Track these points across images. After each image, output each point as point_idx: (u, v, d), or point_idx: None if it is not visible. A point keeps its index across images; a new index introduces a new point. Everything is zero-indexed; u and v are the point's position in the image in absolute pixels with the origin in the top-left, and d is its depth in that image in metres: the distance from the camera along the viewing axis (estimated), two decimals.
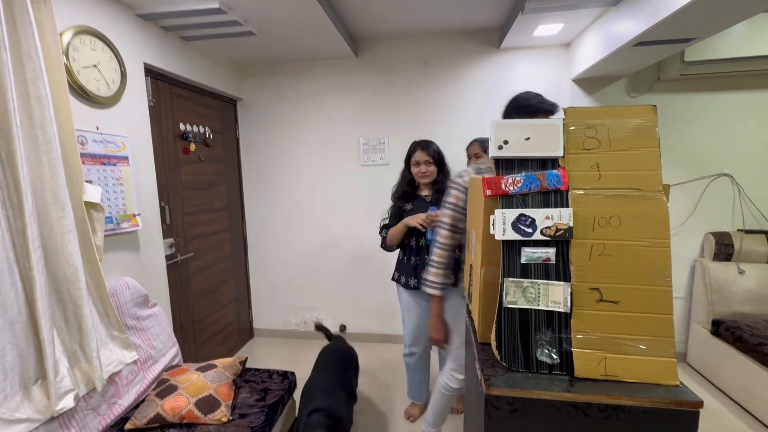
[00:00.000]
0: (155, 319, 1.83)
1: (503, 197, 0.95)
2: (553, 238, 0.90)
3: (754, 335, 2.15)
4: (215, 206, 2.76)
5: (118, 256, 1.83)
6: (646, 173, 0.90)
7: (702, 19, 1.64)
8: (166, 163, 2.24)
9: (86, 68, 1.65)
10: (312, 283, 3.18)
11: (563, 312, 0.89)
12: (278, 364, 2.82)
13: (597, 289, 0.88)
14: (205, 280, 2.63)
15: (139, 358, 1.68)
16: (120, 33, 1.84)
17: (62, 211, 1.35)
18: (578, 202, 0.91)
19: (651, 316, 0.86)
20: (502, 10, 2.34)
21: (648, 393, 0.81)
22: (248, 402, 1.66)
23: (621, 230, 0.88)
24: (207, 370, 1.68)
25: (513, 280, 0.92)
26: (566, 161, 0.93)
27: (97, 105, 1.73)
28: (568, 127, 0.94)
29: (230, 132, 2.99)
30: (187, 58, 2.36)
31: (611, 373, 0.85)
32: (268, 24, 2.19)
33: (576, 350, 0.87)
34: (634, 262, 0.87)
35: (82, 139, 1.62)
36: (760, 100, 2.47)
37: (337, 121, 2.96)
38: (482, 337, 1.03)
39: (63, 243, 1.36)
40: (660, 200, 0.88)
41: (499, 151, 0.95)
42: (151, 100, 2.10)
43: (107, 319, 1.58)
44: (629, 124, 0.92)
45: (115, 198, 1.77)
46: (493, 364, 0.92)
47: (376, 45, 2.83)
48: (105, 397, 1.51)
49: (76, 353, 1.43)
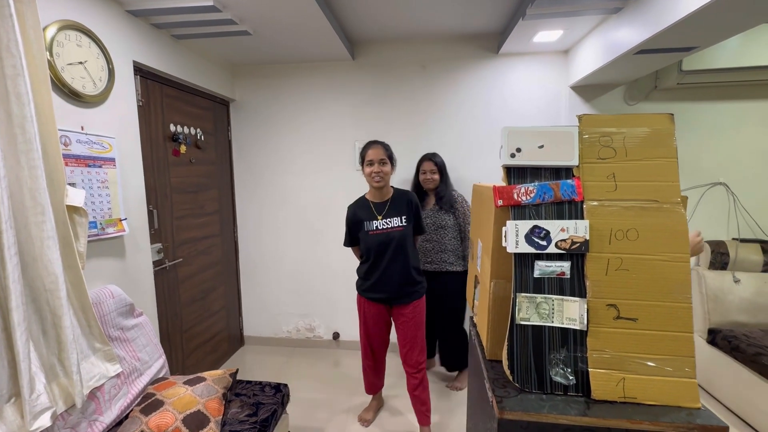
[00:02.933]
0: (141, 329, 1.74)
1: (515, 208, 0.90)
2: (569, 251, 0.85)
3: (751, 345, 2.14)
4: (206, 210, 2.67)
5: (103, 263, 1.73)
6: (663, 184, 0.87)
7: (705, 28, 1.63)
8: (155, 165, 2.16)
9: (71, 65, 1.56)
10: (305, 289, 3.10)
11: (579, 329, 0.84)
12: (270, 374, 2.73)
13: (614, 306, 0.84)
14: (194, 286, 2.54)
15: (123, 371, 1.59)
16: (108, 29, 1.76)
17: (42, 216, 1.27)
18: (594, 214, 0.87)
19: (670, 334, 0.82)
20: (502, 15, 2.32)
21: (670, 417, 0.76)
22: (239, 417, 1.58)
23: (638, 244, 0.85)
24: (195, 384, 1.60)
25: (526, 296, 0.87)
26: (581, 171, 0.89)
27: (83, 104, 1.64)
28: (582, 134, 0.90)
29: (222, 134, 2.90)
30: (179, 57, 2.28)
31: (630, 395, 0.81)
32: (264, 24, 2.13)
33: (592, 370, 0.83)
34: (652, 276, 0.83)
35: (65, 139, 1.53)
36: (755, 109, 2.49)
37: (333, 124, 2.90)
38: (491, 354, 0.98)
39: (42, 249, 1.28)
40: (679, 212, 0.85)
41: (512, 159, 0.90)
42: (140, 100, 2.02)
43: (89, 330, 1.48)
44: (645, 133, 0.89)
45: (100, 201, 1.69)
46: (504, 384, 0.87)
47: (373, 48, 2.78)
48: (85, 414, 1.42)
49: (54, 367, 1.33)
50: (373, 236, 1.88)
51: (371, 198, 1.95)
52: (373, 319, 2.01)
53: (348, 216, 1.98)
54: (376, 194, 1.92)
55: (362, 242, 1.94)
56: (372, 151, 1.85)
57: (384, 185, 1.88)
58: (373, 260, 1.91)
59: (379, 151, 1.84)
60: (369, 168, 1.85)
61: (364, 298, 2.01)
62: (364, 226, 1.90)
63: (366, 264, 1.95)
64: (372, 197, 1.95)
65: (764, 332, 2.27)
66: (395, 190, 1.96)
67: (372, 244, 1.88)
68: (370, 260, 1.92)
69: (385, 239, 1.86)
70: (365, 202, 1.95)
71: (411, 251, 1.91)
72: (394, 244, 1.85)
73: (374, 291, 1.95)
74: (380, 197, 1.92)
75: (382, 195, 1.92)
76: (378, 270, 1.90)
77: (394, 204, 1.91)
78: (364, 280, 1.98)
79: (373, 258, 1.90)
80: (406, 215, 1.88)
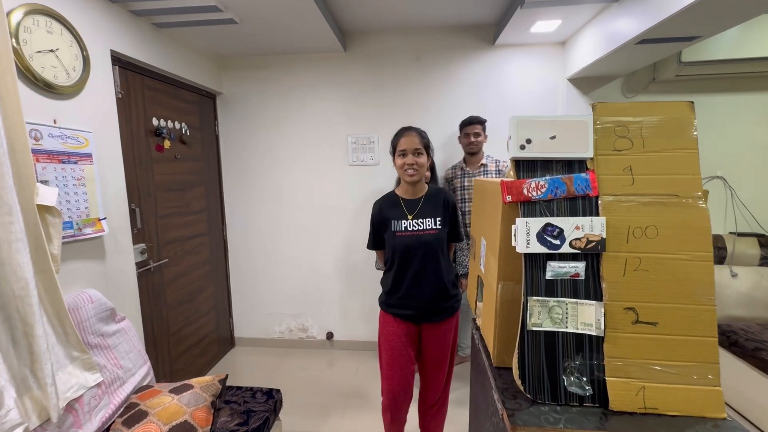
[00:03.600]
0: (123, 334, 1.64)
1: (525, 204, 0.83)
2: (584, 251, 0.79)
3: (749, 339, 2.13)
4: (192, 208, 2.56)
5: (80, 266, 1.63)
6: (684, 177, 0.81)
7: (708, 17, 1.58)
8: (136, 161, 2.04)
9: (41, 53, 1.45)
10: (297, 289, 3.01)
11: (595, 335, 0.78)
12: (261, 376, 2.65)
13: (633, 309, 0.78)
14: (181, 288, 2.43)
15: (104, 381, 1.49)
16: (82, 15, 1.64)
17: (9, 216, 1.16)
18: (610, 210, 0.80)
19: (693, 339, 0.76)
20: (499, 5, 2.25)
21: (694, 429, 0.71)
22: (229, 427, 1.49)
23: (658, 242, 0.78)
24: (182, 392, 1.51)
25: (537, 299, 0.80)
26: (595, 163, 0.83)
27: (55, 95, 1.53)
28: (596, 124, 0.83)
29: (209, 128, 2.79)
30: (161, 47, 2.16)
31: (650, 406, 0.75)
32: (251, 11, 2.02)
33: (610, 379, 0.77)
34: (673, 277, 0.77)
35: (35, 133, 1.42)
36: (753, 102, 2.46)
37: (325, 119, 2.80)
38: (498, 361, 0.92)
39: (10, 253, 1.17)
40: (701, 208, 0.79)
41: (521, 151, 0.83)
42: (119, 92, 1.90)
43: (65, 338, 1.38)
44: (664, 123, 0.82)
45: (76, 200, 1.58)
46: (514, 395, 0.80)
47: (366, 38, 2.69)
48: (62, 429, 1.32)
49: (26, 380, 1.23)
50: (400, 238, 1.60)
51: (402, 194, 1.67)
52: (401, 342, 1.65)
53: (373, 213, 1.70)
54: (408, 190, 1.65)
55: (387, 245, 1.66)
56: (405, 139, 1.57)
57: (419, 180, 1.60)
58: (398, 267, 1.62)
59: (414, 140, 1.56)
60: (401, 159, 1.57)
61: (390, 316, 1.67)
62: (391, 226, 1.62)
63: (390, 272, 1.66)
64: (403, 193, 1.66)
65: (762, 326, 2.26)
66: (430, 187, 1.68)
67: (398, 247, 1.60)
68: (394, 267, 1.64)
69: (414, 243, 1.57)
70: (394, 198, 1.67)
71: (444, 260, 1.62)
72: (424, 250, 1.57)
73: (402, 306, 1.64)
74: (413, 194, 1.65)
75: (415, 191, 1.65)
76: (405, 279, 1.61)
77: (428, 202, 1.63)
78: (390, 294, 1.66)
79: (398, 264, 1.62)
80: (441, 217, 1.60)
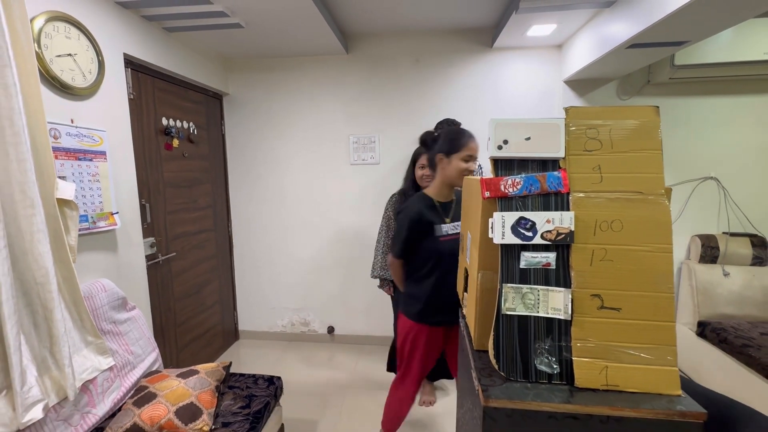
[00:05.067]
0: (134, 322, 1.74)
1: (502, 199, 0.91)
2: (554, 242, 0.86)
3: (738, 336, 2.18)
4: (199, 204, 2.66)
5: (94, 257, 1.73)
6: (648, 176, 0.87)
7: (696, 22, 1.64)
8: (147, 159, 2.15)
9: (60, 57, 1.55)
10: (299, 284, 3.11)
11: (563, 319, 0.86)
12: (264, 368, 2.74)
13: (598, 296, 0.85)
14: (188, 280, 2.54)
15: (116, 365, 1.60)
16: (97, 21, 1.75)
17: (32, 209, 1.26)
18: (579, 206, 0.88)
19: (653, 324, 0.83)
20: (496, 9, 2.32)
21: (651, 404, 0.78)
22: (232, 409, 1.59)
23: (623, 235, 0.86)
24: (188, 377, 1.61)
25: (512, 286, 0.88)
26: (567, 162, 0.90)
27: (72, 96, 1.63)
28: (569, 126, 0.91)
29: (215, 128, 2.89)
30: (171, 50, 2.26)
31: (612, 383, 0.82)
32: (256, 16, 2.11)
33: (576, 359, 0.84)
34: (636, 267, 0.84)
35: (54, 132, 1.52)
36: (746, 105, 2.50)
37: (327, 119, 2.89)
38: (478, 345, 0.99)
39: (32, 243, 1.27)
40: (662, 204, 0.86)
41: (499, 151, 0.91)
42: (132, 93, 2.00)
43: (81, 323, 1.49)
44: (631, 125, 0.89)
45: (91, 195, 1.68)
46: (490, 374, 0.88)
47: (367, 41, 2.77)
48: (78, 407, 1.42)
49: (46, 360, 1.34)
50: (444, 243, 1.52)
51: (436, 196, 1.58)
52: (437, 349, 1.66)
53: (412, 217, 1.54)
54: (443, 192, 1.57)
55: (426, 251, 1.56)
56: (475, 144, 1.50)
57: None
58: (440, 273, 1.54)
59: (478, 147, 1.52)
60: (465, 164, 1.47)
61: (425, 326, 1.60)
62: (434, 231, 1.54)
63: (429, 279, 1.56)
64: (437, 195, 1.58)
65: (751, 324, 2.31)
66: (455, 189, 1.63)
67: (444, 253, 1.52)
68: (435, 274, 1.55)
69: (456, 247, 1.44)
70: (429, 201, 1.57)
71: None
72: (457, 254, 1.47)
73: (443, 312, 1.57)
74: (446, 196, 1.59)
75: (449, 194, 1.59)
76: (446, 284, 1.53)
77: (458, 204, 1.58)
78: (428, 304, 1.57)
79: (442, 270, 1.54)
80: None
